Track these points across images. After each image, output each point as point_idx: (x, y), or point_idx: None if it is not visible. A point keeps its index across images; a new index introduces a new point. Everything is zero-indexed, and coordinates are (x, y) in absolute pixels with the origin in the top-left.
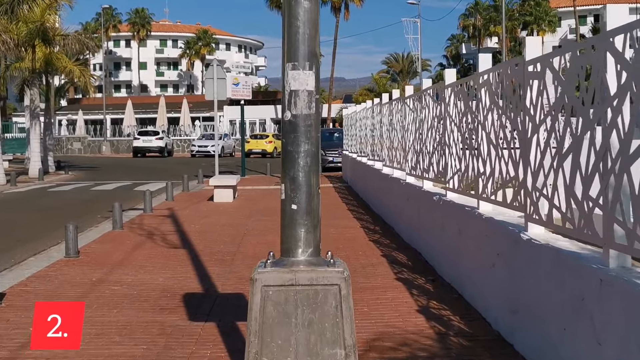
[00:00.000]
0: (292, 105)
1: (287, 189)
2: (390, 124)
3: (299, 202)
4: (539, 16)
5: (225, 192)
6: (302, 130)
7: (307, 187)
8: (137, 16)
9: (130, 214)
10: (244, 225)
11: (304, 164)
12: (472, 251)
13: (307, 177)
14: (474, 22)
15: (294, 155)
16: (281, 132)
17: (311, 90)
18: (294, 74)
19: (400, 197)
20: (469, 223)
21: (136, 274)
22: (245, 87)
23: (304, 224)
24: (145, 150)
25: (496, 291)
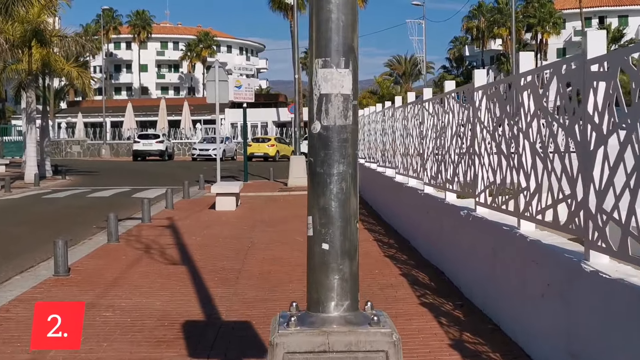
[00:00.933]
0: (323, 113)
1: (315, 223)
2: (405, 129)
3: (332, 241)
4: (543, 18)
5: (227, 200)
6: (335, 146)
7: (342, 221)
8: (137, 18)
9: (128, 224)
10: (248, 238)
11: (338, 191)
12: (512, 277)
13: (342, 207)
14: (478, 24)
15: (324, 178)
16: (308, 148)
17: (347, 94)
18: (325, 73)
19: (417, 208)
20: (507, 244)
21: (131, 296)
22: (248, 90)
23: (338, 269)
24: (145, 153)
25: (546, 327)
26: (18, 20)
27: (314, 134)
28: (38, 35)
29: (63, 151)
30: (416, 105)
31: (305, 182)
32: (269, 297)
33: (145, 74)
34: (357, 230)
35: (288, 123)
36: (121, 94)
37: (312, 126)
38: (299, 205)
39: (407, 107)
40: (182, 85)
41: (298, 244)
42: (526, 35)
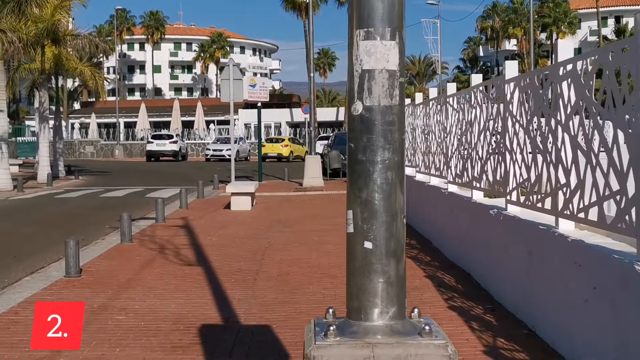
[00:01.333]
0: (365, 92)
1: (357, 218)
2: (426, 126)
3: (376, 238)
4: (558, 18)
5: (242, 199)
6: (379, 129)
7: (388, 216)
8: (151, 19)
9: (141, 224)
10: (264, 238)
11: (382, 181)
12: (550, 279)
13: (387, 200)
14: (492, 24)
15: (367, 167)
16: (348, 132)
17: (393, 69)
18: (368, 45)
19: (440, 207)
20: (544, 245)
21: (145, 298)
22: (263, 89)
23: (383, 271)
24: (158, 154)
25: (591, 334)
26: (32, 20)
27: (355, 116)
28: (51, 35)
29: (76, 152)
30: (439, 101)
31: (320, 182)
32: (289, 299)
33: (158, 74)
34: (404, 226)
35: (301, 123)
36: (134, 94)
37: (353, 107)
38: (315, 206)
39: (429, 103)
40: (195, 86)
41: (316, 245)
42: (541, 35)
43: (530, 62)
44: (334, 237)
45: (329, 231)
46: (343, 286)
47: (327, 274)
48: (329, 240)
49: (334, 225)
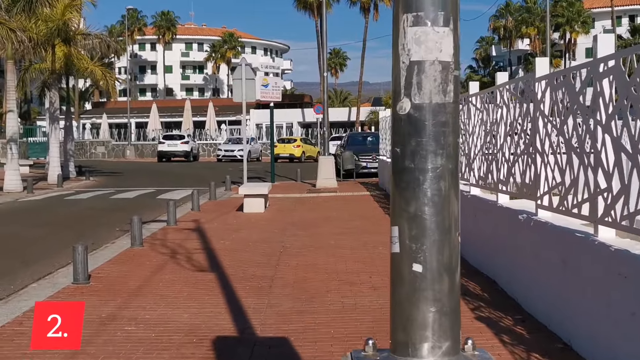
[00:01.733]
0: (414, 88)
1: (404, 236)
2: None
3: (427, 260)
4: (572, 17)
5: (256, 201)
6: (430, 131)
7: (441, 233)
8: (162, 19)
9: (152, 226)
10: (279, 242)
11: (434, 192)
12: (589, 290)
13: (439, 214)
14: (505, 23)
15: (416, 176)
16: (392, 135)
17: (446, 61)
18: (418, 32)
19: (462, 212)
20: (581, 253)
21: (156, 307)
22: (275, 89)
23: (435, 298)
24: (170, 154)
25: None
26: (42, 19)
27: (401, 117)
28: (62, 34)
29: (87, 152)
30: (460, 100)
31: (334, 183)
32: (307, 308)
33: (169, 75)
34: (459, 245)
35: (313, 124)
36: (146, 95)
37: (398, 105)
38: (330, 207)
39: None
40: (206, 87)
41: (332, 249)
42: (554, 35)
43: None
44: (351, 241)
45: (345, 234)
46: (363, 294)
47: (345, 281)
48: (345, 245)
49: (350, 229)
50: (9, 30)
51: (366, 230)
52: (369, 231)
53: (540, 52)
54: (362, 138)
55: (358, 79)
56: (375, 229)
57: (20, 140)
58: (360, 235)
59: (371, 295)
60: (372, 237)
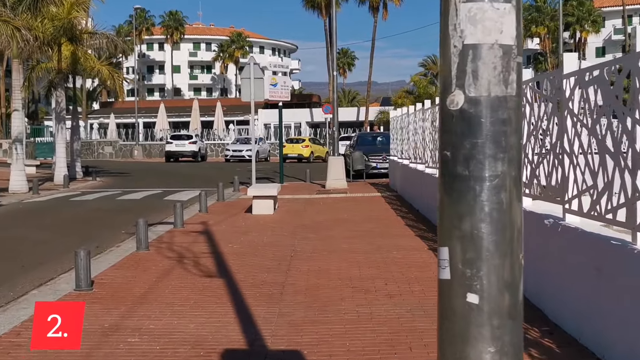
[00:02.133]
0: (468, 77)
1: (456, 259)
2: None
3: (484, 290)
4: (582, 16)
5: (265, 203)
6: (488, 131)
7: (502, 256)
8: (170, 19)
9: (159, 229)
10: (289, 246)
11: (494, 206)
12: (628, 303)
13: (500, 234)
14: None
15: (470, 185)
16: (440, 135)
17: (509, 45)
18: (473, 9)
19: None
20: (618, 262)
21: (161, 316)
22: (284, 88)
23: (494, 336)
24: (178, 154)
25: None
26: (48, 18)
27: (452, 113)
28: (68, 33)
29: (95, 152)
30: None
31: (344, 184)
32: (320, 318)
33: (177, 75)
34: (522, 269)
35: (322, 124)
36: (154, 95)
37: (449, 99)
38: (340, 209)
39: None
40: (214, 87)
41: (345, 254)
42: (564, 34)
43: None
44: (363, 245)
45: (358, 238)
46: (379, 303)
47: (359, 288)
48: (358, 249)
49: (362, 232)
50: (14, 28)
51: (379, 234)
52: (382, 234)
53: (550, 52)
54: (371, 138)
55: (366, 79)
56: (388, 232)
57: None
58: (373, 238)
59: (387, 304)
60: (386, 240)
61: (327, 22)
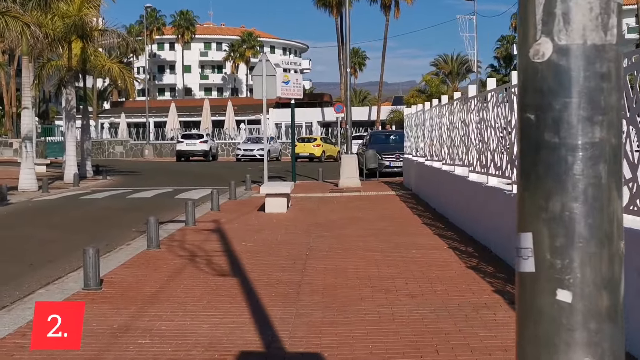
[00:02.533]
0: (558, 22)
1: (542, 248)
2: (483, 121)
3: (577, 284)
4: None
5: (278, 201)
6: (582, 87)
7: (599, 244)
8: (181, 18)
9: (170, 227)
10: (304, 244)
11: (590, 181)
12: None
13: (598, 214)
14: None
15: (561, 155)
16: (520, 93)
17: None
18: None
19: (508, 212)
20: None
21: (173, 316)
22: (297, 86)
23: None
24: (189, 154)
25: None
26: (58, 15)
27: (537, 65)
28: (78, 30)
29: (106, 151)
30: (502, 92)
31: (357, 182)
32: (339, 319)
33: (188, 74)
34: (623, 261)
35: (333, 123)
36: (164, 95)
37: (533, 49)
38: (355, 207)
39: (488, 95)
40: (225, 86)
41: (361, 252)
42: None
43: None
44: (380, 243)
45: (373, 236)
46: (400, 303)
47: (379, 288)
48: (374, 247)
49: (378, 230)
50: (23, 25)
51: (396, 232)
52: (399, 233)
53: None
54: (384, 136)
55: (376, 80)
56: (405, 231)
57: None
58: (390, 237)
59: (409, 304)
60: (403, 239)
61: (338, 20)
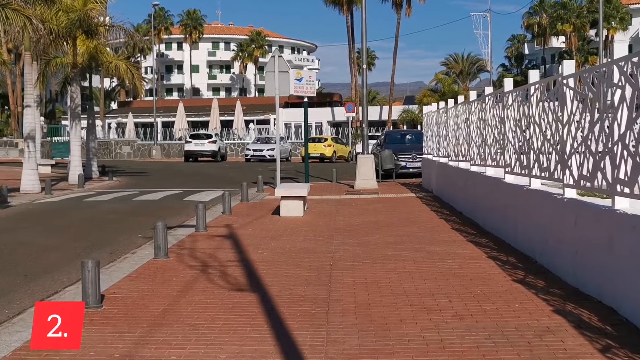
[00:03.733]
0: None
1: None
2: (527, 117)
3: None
4: (609, 13)
5: (294, 204)
6: None
7: None
8: (189, 18)
9: (179, 232)
10: (326, 252)
11: None
12: None
13: None
14: (539, 20)
15: None
16: None
17: None
18: None
19: (557, 217)
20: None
21: (184, 342)
22: (310, 83)
23: None
24: (197, 154)
25: None
26: (63, 9)
27: None
28: (84, 25)
29: (113, 152)
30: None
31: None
32: (380, 347)
33: (196, 74)
34: None
35: (343, 123)
36: (172, 94)
37: None
38: (375, 211)
39: (532, 88)
40: (233, 86)
41: (391, 263)
42: (590, 32)
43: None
44: (411, 252)
45: (401, 244)
46: (447, 326)
47: (419, 307)
48: (405, 256)
49: (405, 236)
50: (25, 18)
51: (424, 239)
52: (429, 240)
53: (576, 50)
54: (400, 136)
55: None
56: (434, 237)
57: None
58: (420, 244)
59: (459, 328)
60: (435, 246)
61: (349, 18)
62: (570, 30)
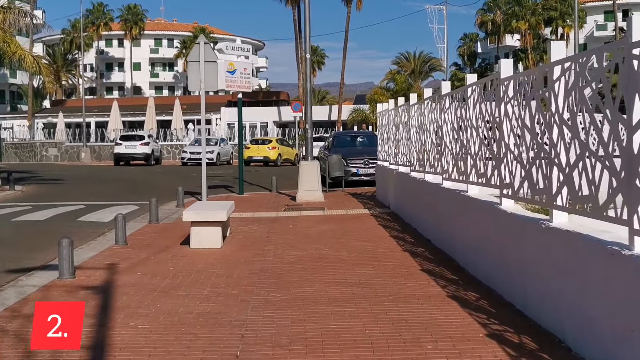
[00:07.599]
0: None
1: None
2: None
3: None
4: (565, 11)
5: (209, 232)
6: None
7: None
8: (129, 13)
9: (32, 281)
10: (235, 325)
11: None
12: None
13: None
14: (493, 17)
15: None
16: None
17: None
18: None
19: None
20: None
21: None
22: (244, 76)
23: None
24: (128, 157)
25: None
26: None
27: None
28: None
29: (38, 154)
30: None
31: (320, 196)
32: None
33: (138, 72)
34: None
35: (290, 123)
36: (113, 93)
37: None
38: (317, 237)
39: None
40: (177, 85)
41: (340, 347)
42: (546, 30)
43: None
44: (367, 323)
45: (352, 303)
46: None
47: None
48: (360, 333)
49: (358, 287)
50: None
51: (386, 291)
52: (392, 293)
53: (531, 48)
54: (350, 138)
55: (334, 81)
56: (401, 289)
57: None
58: (380, 303)
59: None
60: (403, 308)
61: (295, 12)
62: (526, 28)
